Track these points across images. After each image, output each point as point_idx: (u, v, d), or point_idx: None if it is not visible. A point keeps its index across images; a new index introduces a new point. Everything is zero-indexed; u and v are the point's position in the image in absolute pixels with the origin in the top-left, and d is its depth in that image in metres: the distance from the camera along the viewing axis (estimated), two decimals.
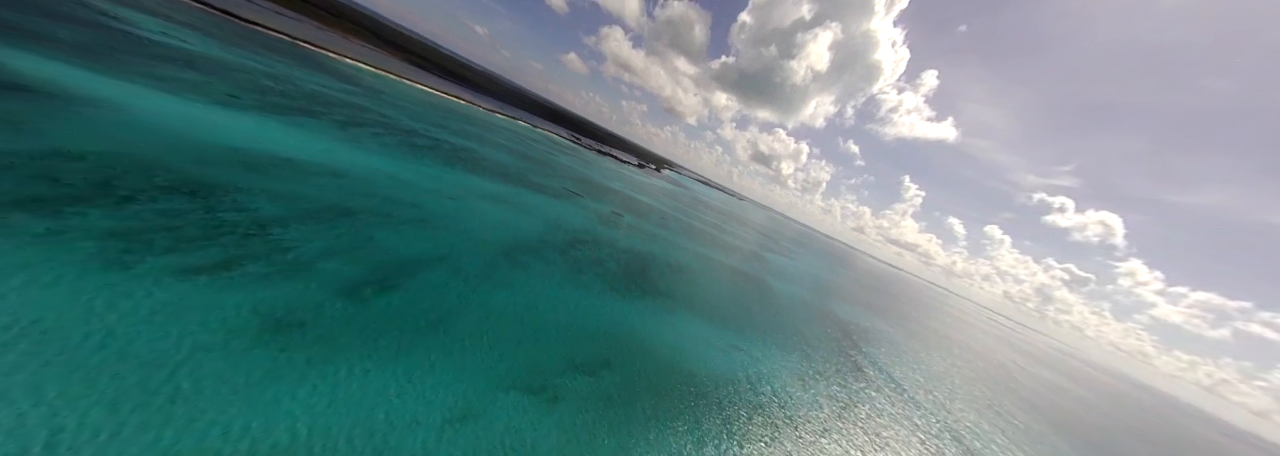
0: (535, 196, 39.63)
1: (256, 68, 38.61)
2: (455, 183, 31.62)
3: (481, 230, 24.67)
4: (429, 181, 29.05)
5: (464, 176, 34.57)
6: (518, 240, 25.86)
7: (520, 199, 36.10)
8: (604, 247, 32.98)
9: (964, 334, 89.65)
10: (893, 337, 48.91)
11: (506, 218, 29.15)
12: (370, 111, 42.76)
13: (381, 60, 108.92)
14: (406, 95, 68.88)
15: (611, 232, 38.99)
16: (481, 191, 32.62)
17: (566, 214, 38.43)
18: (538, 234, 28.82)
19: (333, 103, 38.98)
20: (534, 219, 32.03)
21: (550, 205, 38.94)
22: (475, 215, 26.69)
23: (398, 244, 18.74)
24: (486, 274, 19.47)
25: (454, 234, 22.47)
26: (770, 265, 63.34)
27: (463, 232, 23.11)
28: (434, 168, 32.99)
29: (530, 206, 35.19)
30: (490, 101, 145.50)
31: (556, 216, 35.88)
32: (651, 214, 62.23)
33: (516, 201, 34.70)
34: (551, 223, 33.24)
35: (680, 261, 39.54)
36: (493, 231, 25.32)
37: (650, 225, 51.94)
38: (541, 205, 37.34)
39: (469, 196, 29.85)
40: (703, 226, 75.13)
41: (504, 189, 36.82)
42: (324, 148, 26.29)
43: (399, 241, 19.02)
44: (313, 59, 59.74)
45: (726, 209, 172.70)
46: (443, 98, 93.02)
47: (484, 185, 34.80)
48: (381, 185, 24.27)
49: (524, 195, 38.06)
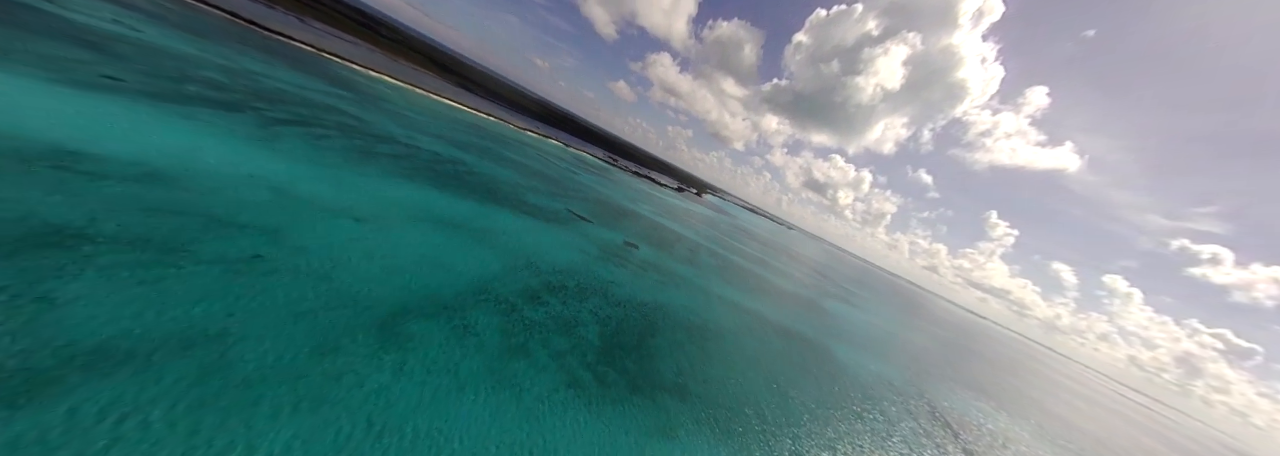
0: (517, 220, 30.66)
1: (210, 60, 33.59)
2: (388, 198, 23.18)
3: (374, 273, 15.47)
4: (341, 195, 20.71)
5: (414, 191, 26.26)
6: (436, 292, 16.36)
7: (489, 223, 27.12)
8: (590, 298, 22.85)
9: (1090, 412, 68.90)
10: (1029, 443, 33.86)
11: (443, 251, 19.97)
12: (339, 113, 36.56)
13: (420, 78, 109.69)
14: (418, 106, 64.58)
15: (612, 273, 28.90)
16: (426, 211, 23.94)
17: (554, 245, 28.97)
18: (482, 279, 19.28)
19: (287, 101, 32.90)
20: (493, 254, 22.68)
21: (535, 232, 29.73)
22: (382, 247, 17.67)
23: (174, 299, 9.82)
24: (297, 368, 9.89)
25: (309, 281, 13.37)
26: (831, 318, 50.06)
27: (326, 279, 13.96)
28: (371, 179, 24.93)
29: (500, 234, 26.05)
30: (527, 121, 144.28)
31: (534, 249, 26.45)
32: (678, 245, 51.70)
33: (481, 227, 25.70)
34: (520, 259, 23.75)
35: (705, 319, 28.48)
36: (396, 276, 16.04)
37: (673, 260, 41.37)
38: (520, 232, 28.17)
39: (394, 218, 21.10)
40: (743, 261, 63.27)
41: (471, 209, 28.13)
42: (189, 142, 18.74)
43: (181, 294, 10.13)
44: (319, 65, 56.61)
45: (773, 239, 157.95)
46: (468, 112, 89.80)
47: (439, 203, 26.23)
48: (233, 194, 16.01)
49: (499, 218, 29.15)
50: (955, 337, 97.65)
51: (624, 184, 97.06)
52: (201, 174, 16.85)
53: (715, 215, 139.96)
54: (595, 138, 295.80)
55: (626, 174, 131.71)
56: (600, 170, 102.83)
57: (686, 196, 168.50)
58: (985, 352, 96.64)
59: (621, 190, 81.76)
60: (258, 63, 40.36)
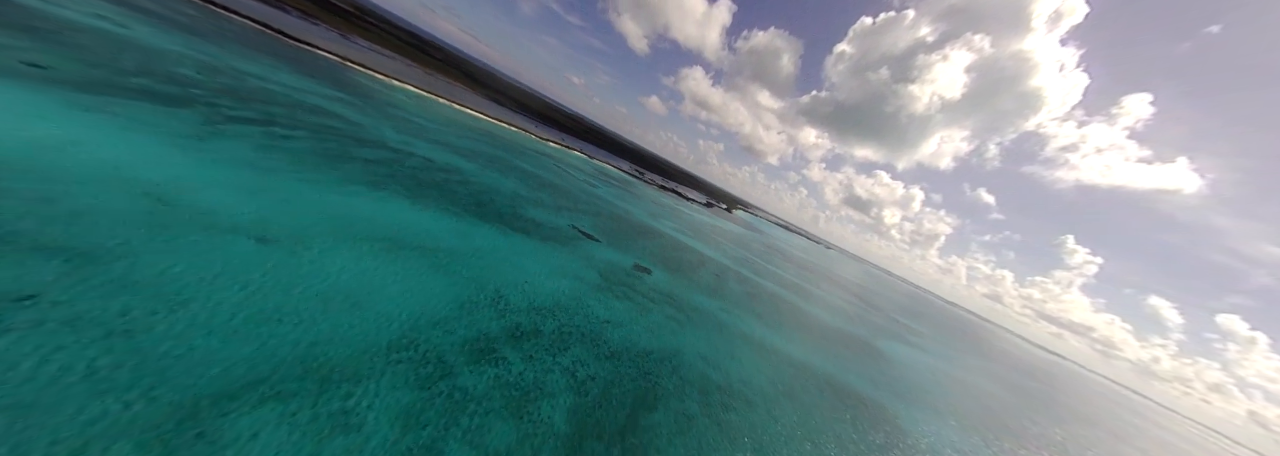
0: (503, 239, 25.86)
1: (192, 57, 31.42)
2: (328, 211, 18.84)
3: (233, 322, 10.70)
4: (255, 206, 16.45)
5: (372, 203, 21.96)
6: (322, 350, 11.36)
7: (463, 244, 22.37)
8: (572, 349, 17.37)
9: None
10: None
11: (369, 284, 15.16)
12: (325, 115, 33.57)
13: (449, 90, 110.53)
14: (434, 114, 62.55)
15: (610, 308, 23.37)
16: (375, 228, 19.42)
17: (542, 271, 23.87)
18: (414, 324, 14.22)
19: (264, 100, 30.02)
20: (450, 284, 17.73)
21: (522, 255, 24.79)
22: (274, 280, 13.00)
23: None
24: None
25: (95, 338, 8.69)
26: (888, 365, 42.14)
27: (130, 334, 9.25)
28: (317, 187, 20.82)
29: (472, 258, 21.20)
30: (552, 132, 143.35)
31: (513, 277, 21.41)
32: (701, 269, 45.63)
33: (449, 248, 20.95)
34: (486, 292, 18.68)
35: (729, 374, 22.30)
36: (267, 325, 11.19)
37: (692, 288, 35.38)
38: (501, 255, 23.27)
39: (320, 237, 16.56)
40: (778, 288, 56.14)
41: (444, 226, 23.55)
42: (73, 134, 15.06)
43: None
44: (334, 72, 55.47)
45: (811, 260, 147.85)
46: (489, 122, 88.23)
47: (400, 218, 21.77)
48: (82, 199, 11.88)
49: (480, 237, 24.42)
50: (1042, 387, 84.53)
51: (647, 198, 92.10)
52: (52, 171, 12.89)
53: (746, 233, 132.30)
54: (624, 151, 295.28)
55: (651, 187, 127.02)
56: (622, 183, 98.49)
57: (715, 212, 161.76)
58: (1081, 407, 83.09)
59: (643, 205, 76.71)
60: (257, 65, 38.53)
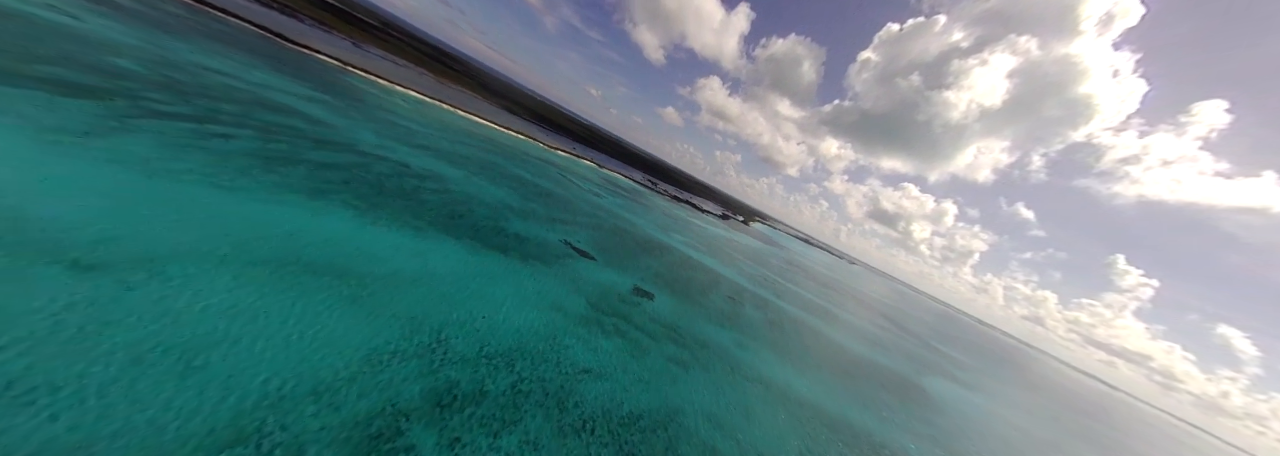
0: (469, 259, 21.62)
1: (144, 50, 28.65)
2: (235, 228, 14.90)
3: None
4: (123, 224, 12.56)
5: (302, 216, 18.02)
6: (139, 438, 7.12)
7: (407, 266, 18.17)
8: (531, 417, 12.76)
9: None
10: None
11: (227, 330, 10.93)
12: (289, 114, 30.36)
13: (459, 97, 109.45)
14: (431, 119, 59.85)
15: (593, 349, 18.72)
16: (296, 251, 15.36)
17: (510, 299, 19.47)
18: (304, 383, 9.83)
19: (214, 97, 26.89)
20: (372, 323, 13.43)
21: (492, 278, 20.47)
22: (69, 331, 8.93)
23: None
24: None
25: None
26: (940, 414, 36.10)
27: None
28: (222, 193, 16.99)
29: (414, 284, 16.94)
30: (563, 141, 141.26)
31: (465, 309, 17.04)
32: (713, 290, 40.63)
33: (385, 272, 16.75)
34: (418, 332, 14.32)
35: (744, 444, 17.28)
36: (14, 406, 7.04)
37: (700, 317, 30.45)
38: (458, 280, 18.99)
39: (182, 260, 12.50)
40: (801, 312, 50.53)
41: (389, 242, 19.44)
42: None
43: None
44: (325, 74, 53.30)
45: (836, 277, 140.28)
46: (494, 129, 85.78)
47: (340, 236, 17.73)
48: None
49: (437, 257, 20.23)
50: (1108, 430, 75.52)
51: (657, 209, 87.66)
52: None
53: (764, 247, 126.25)
54: (639, 162, 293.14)
55: (664, 198, 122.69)
56: (632, 193, 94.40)
57: (731, 224, 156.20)
58: (1153, 453, 73.64)
59: (652, 216, 72.26)
60: (229, 62, 36.02)
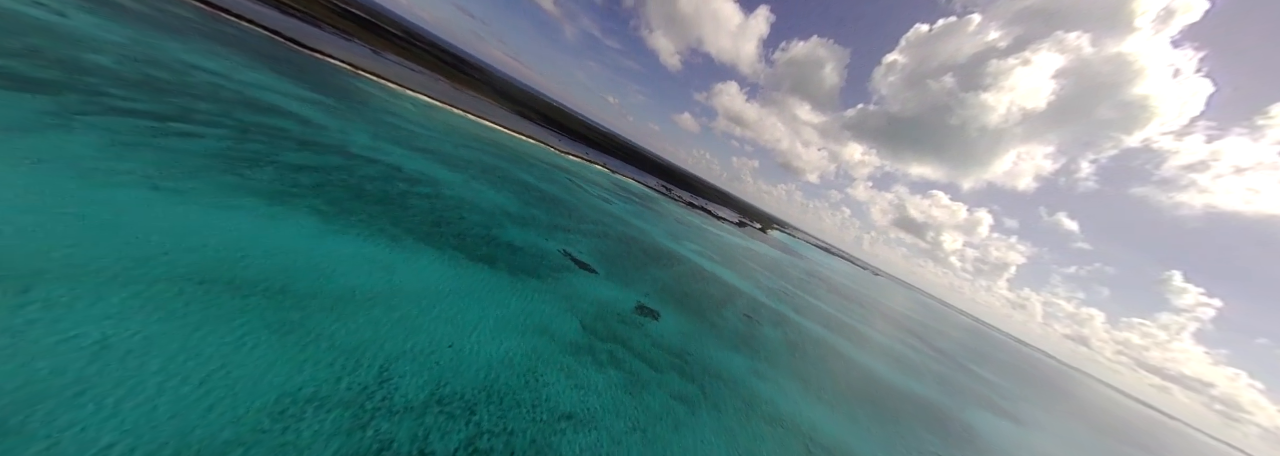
0: (450, 272, 19.31)
1: (131, 47, 27.61)
2: (155, 238, 12.85)
3: None
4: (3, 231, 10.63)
5: (250, 223, 15.96)
6: None
7: (372, 283, 15.91)
8: None
9: None
10: None
11: (121, 363, 8.69)
12: (276, 115, 28.89)
13: (473, 103, 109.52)
14: (436, 122, 58.74)
15: (583, 386, 16.05)
16: (228, 264, 13.21)
17: (493, 322, 17.00)
18: (168, 447, 7.53)
19: (194, 95, 25.50)
20: (297, 356, 11.04)
21: (470, 296, 18.08)
22: None
23: None
24: None
25: None
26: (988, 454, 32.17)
27: None
28: (180, 203, 15.06)
29: (372, 305, 14.62)
30: (575, 146, 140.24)
31: (435, 335, 14.61)
32: (728, 306, 37.57)
33: (341, 291, 14.49)
34: (366, 368, 11.90)
35: None
36: None
37: (711, 339, 27.48)
38: (430, 299, 16.64)
39: (81, 281, 10.42)
40: (823, 331, 46.89)
41: (360, 256, 17.25)
42: None
43: None
44: (332, 77, 52.65)
45: (859, 290, 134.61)
46: (503, 133, 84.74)
47: (291, 247, 15.61)
48: None
49: (411, 270, 17.97)
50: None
51: (670, 216, 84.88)
52: None
53: (782, 256, 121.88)
54: (654, 167, 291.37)
55: (678, 204, 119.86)
56: (644, 199, 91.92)
57: (748, 232, 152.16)
58: None
59: (664, 224, 69.54)
60: (223, 62, 35.11)
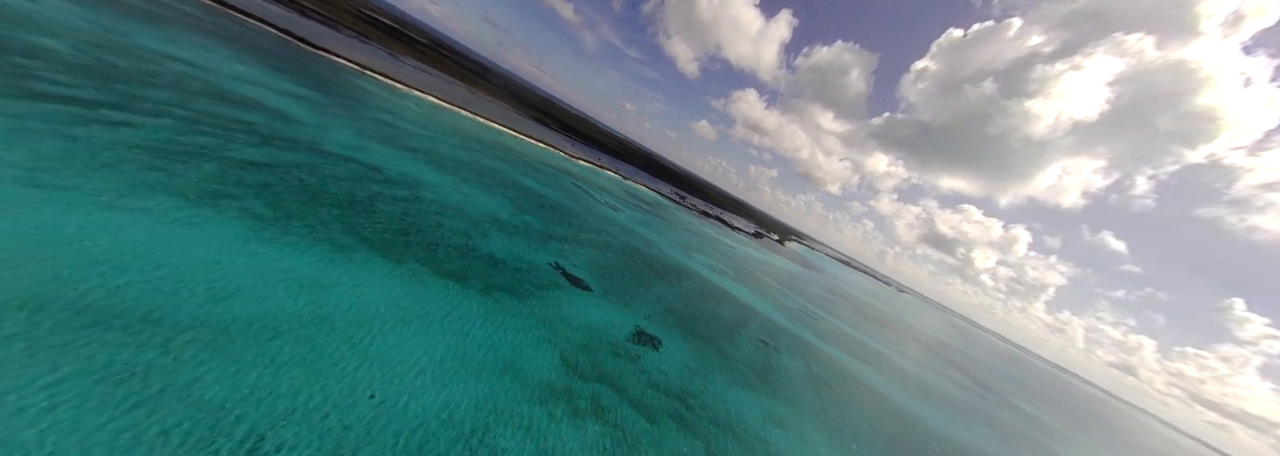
0: (404, 291, 16.15)
1: (97, 33, 25.67)
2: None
3: None
4: None
5: (146, 230, 13.06)
6: None
7: (294, 308, 12.78)
8: None
9: None
10: None
11: None
12: (247, 107, 26.55)
13: (485, 106, 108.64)
14: (439, 123, 56.70)
15: (550, 452, 12.58)
16: (72, 289, 10.32)
17: (443, 357, 13.69)
18: None
19: (159, 85, 23.26)
20: (113, 425, 7.97)
21: (423, 322, 14.85)
22: None
23: None
24: None
25: None
26: None
27: None
28: (58, 203, 12.33)
29: (281, 339, 11.45)
30: (587, 151, 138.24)
31: (357, 378, 11.34)
32: (742, 330, 33.67)
33: (236, 320, 11.36)
34: (227, 437, 8.73)
35: None
36: None
37: (721, 375, 23.66)
38: (367, 327, 13.44)
39: None
40: (850, 360, 42.44)
41: (288, 272, 14.20)
42: None
43: None
44: (331, 73, 51.09)
45: (884, 309, 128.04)
46: (511, 136, 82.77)
47: (183, 262, 12.63)
48: None
49: (354, 289, 14.85)
50: None
51: (682, 225, 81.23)
52: None
53: (802, 271, 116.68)
54: (669, 174, 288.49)
55: (692, 214, 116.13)
56: (655, 207, 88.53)
57: (765, 244, 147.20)
58: None
59: (675, 234, 65.93)
60: (206, 54, 33.30)
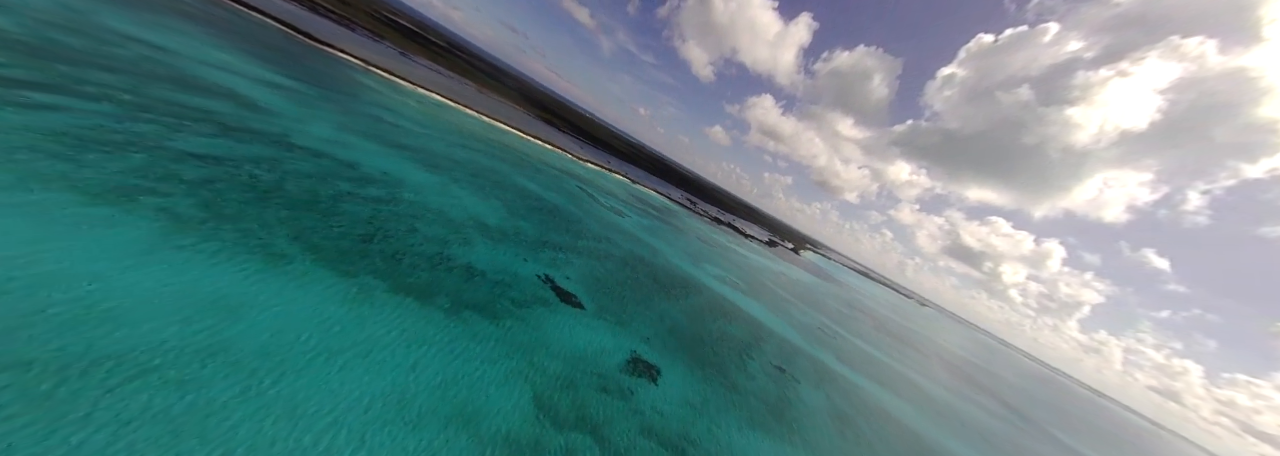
0: (344, 313, 13.29)
1: (53, 13, 23.80)
2: None
3: None
4: None
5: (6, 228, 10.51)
6: None
7: (182, 334, 9.96)
8: None
9: None
10: None
11: None
12: (216, 95, 24.20)
13: (493, 106, 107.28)
14: (439, 120, 54.57)
15: None
16: None
17: (385, 396, 10.71)
18: None
19: (112, 68, 21.05)
20: None
21: (360, 352, 11.93)
22: None
23: None
24: None
25: None
26: None
27: None
28: None
29: (132, 381, 8.67)
30: (597, 154, 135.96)
31: (236, 447, 8.48)
32: (755, 353, 30.23)
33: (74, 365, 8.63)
34: None
35: None
36: None
37: (729, 411, 20.31)
38: (274, 362, 10.55)
39: None
40: (876, 387, 38.57)
41: (202, 281, 11.40)
42: None
43: None
44: (330, 67, 49.28)
45: (907, 325, 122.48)
46: (516, 135, 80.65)
47: (61, 268, 9.99)
48: None
49: (275, 311, 11.98)
50: None
51: (693, 233, 77.88)
52: None
53: (817, 282, 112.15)
54: (681, 180, 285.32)
55: (703, 220, 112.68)
56: (664, 213, 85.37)
57: (779, 252, 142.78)
58: None
59: (684, 242, 62.66)
60: (183, 39, 31.36)
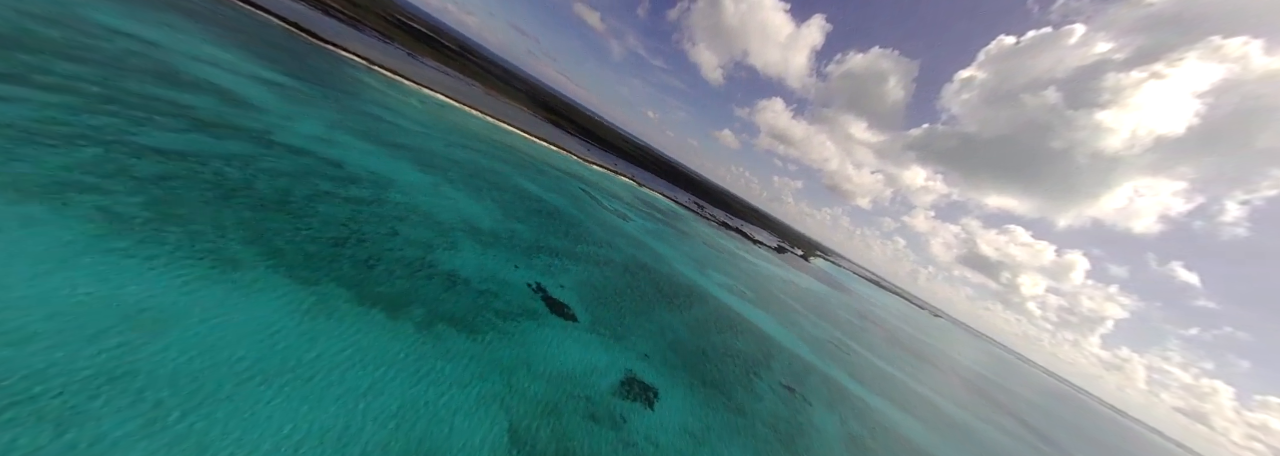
0: (305, 325, 11.83)
1: (46, 5, 22.91)
2: None
3: None
4: None
5: None
6: None
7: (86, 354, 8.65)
8: None
9: None
10: None
11: None
12: (202, 91, 23.12)
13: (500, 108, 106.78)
14: (438, 120, 53.56)
15: None
16: None
17: (333, 430, 9.25)
18: None
19: (85, 60, 20.03)
20: None
21: (302, 376, 10.46)
22: None
23: None
24: None
25: None
26: None
27: None
28: None
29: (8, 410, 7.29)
30: (603, 157, 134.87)
31: None
32: (762, 371, 28.39)
33: None
34: None
35: None
36: None
37: (735, 440, 18.57)
38: (197, 389, 9.15)
39: None
40: (891, 407, 36.47)
41: (126, 290, 10.06)
42: None
43: None
44: (333, 66, 48.53)
45: (921, 337, 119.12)
46: (520, 137, 79.64)
47: None
48: None
49: (215, 325, 10.56)
50: None
51: (699, 238, 76.06)
52: None
53: (828, 291, 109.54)
54: (689, 183, 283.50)
55: (711, 224, 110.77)
56: (670, 216, 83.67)
57: (788, 259, 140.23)
58: None
59: (689, 247, 60.90)
60: (173, 34, 30.52)
